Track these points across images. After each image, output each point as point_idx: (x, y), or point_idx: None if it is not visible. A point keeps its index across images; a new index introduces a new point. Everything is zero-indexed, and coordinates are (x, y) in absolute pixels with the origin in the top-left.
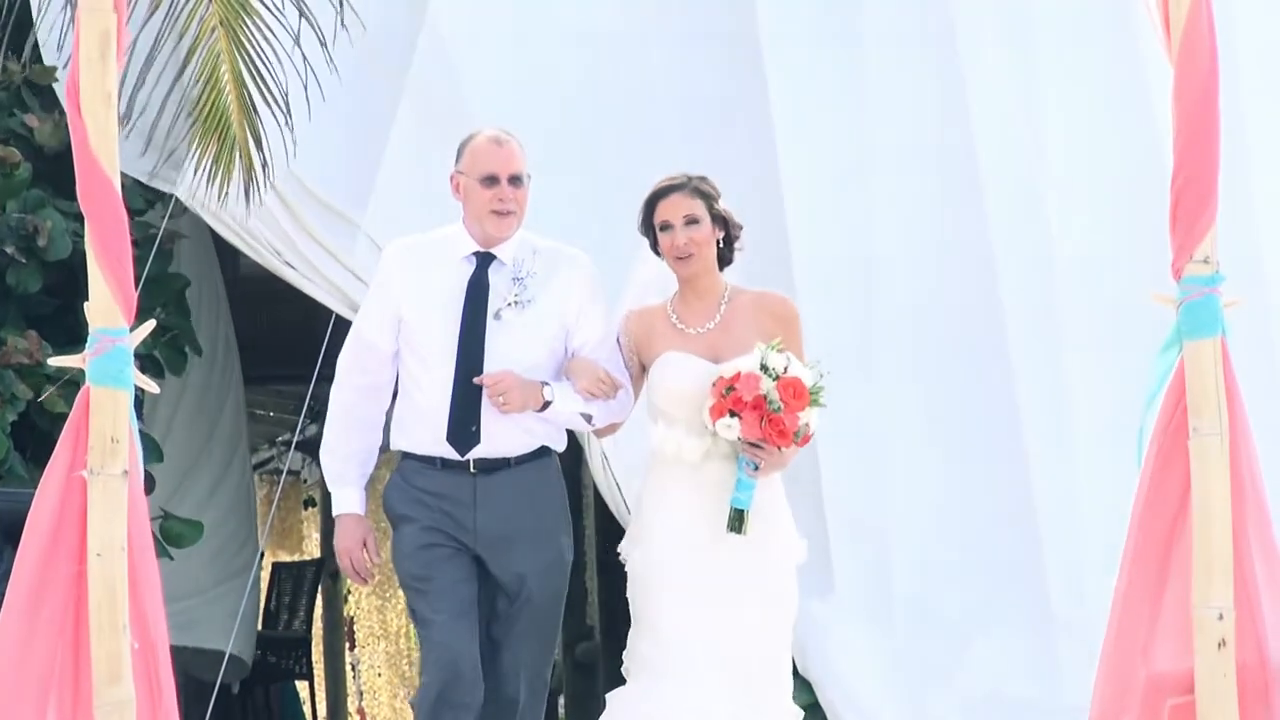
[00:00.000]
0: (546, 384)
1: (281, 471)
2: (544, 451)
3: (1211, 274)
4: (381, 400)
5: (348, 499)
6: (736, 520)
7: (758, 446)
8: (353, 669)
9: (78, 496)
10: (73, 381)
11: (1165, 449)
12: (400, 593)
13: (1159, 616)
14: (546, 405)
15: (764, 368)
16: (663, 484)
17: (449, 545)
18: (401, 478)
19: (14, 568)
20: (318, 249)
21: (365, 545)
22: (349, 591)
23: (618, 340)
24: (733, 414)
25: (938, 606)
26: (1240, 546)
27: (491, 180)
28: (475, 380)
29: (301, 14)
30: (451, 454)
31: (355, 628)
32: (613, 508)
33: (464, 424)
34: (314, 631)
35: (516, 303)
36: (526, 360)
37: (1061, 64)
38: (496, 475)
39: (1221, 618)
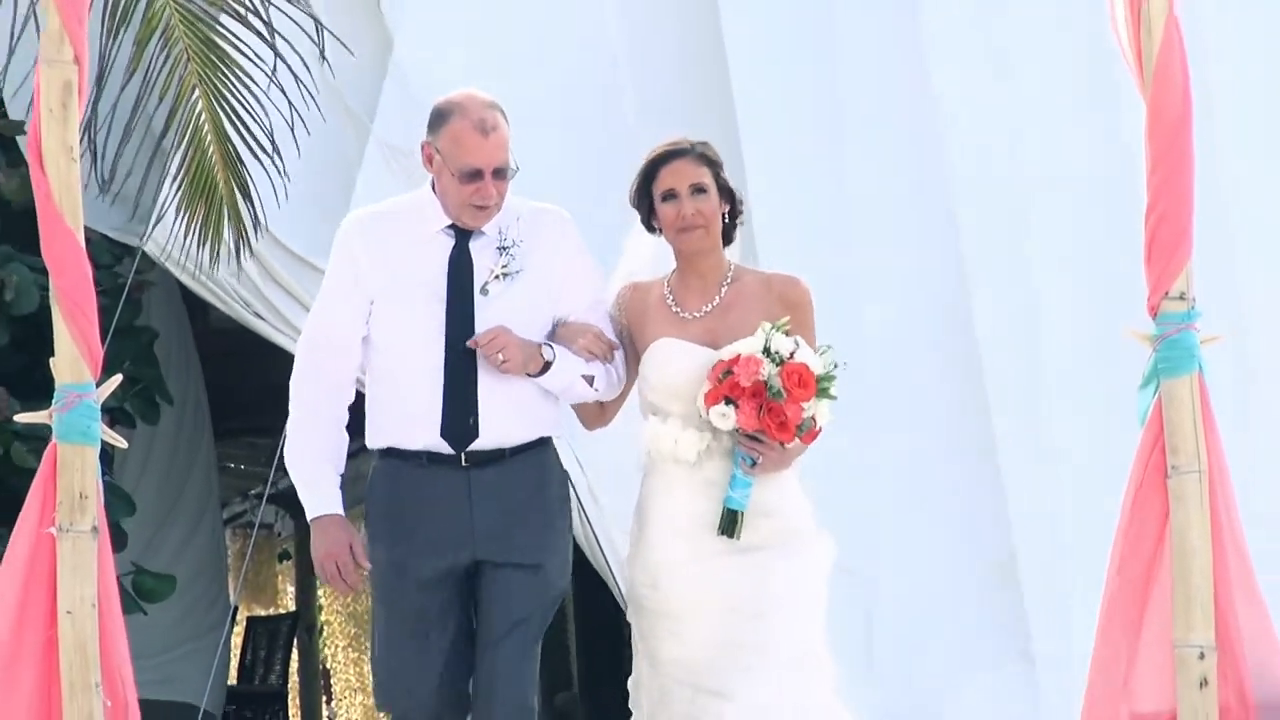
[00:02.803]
0: (546, 344)
1: (254, 525)
2: (542, 441)
3: (1188, 310)
4: (346, 396)
5: (325, 499)
6: (729, 523)
7: (756, 440)
8: None
9: (47, 554)
10: (40, 437)
11: (1144, 487)
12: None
13: (1140, 655)
14: (547, 366)
15: (767, 351)
16: (658, 489)
17: (437, 580)
18: (384, 478)
19: None
20: (287, 299)
21: (352, 549)
22: (326, 644)
23: (609, 314)
24: (729, 401)
25: (920, 653)
26: (1220, 584)
27: (474, 175)
28: (468, 343)
29: (278, 55)
30: (442, 448)
31: (332, 680)
32: (593, 563)
33: (460, 417)
34: (290, 685)
35: (505, 274)
36: (521, 334)
37: (1038, 74)
38: (490, 469)
39: (1203, 656)
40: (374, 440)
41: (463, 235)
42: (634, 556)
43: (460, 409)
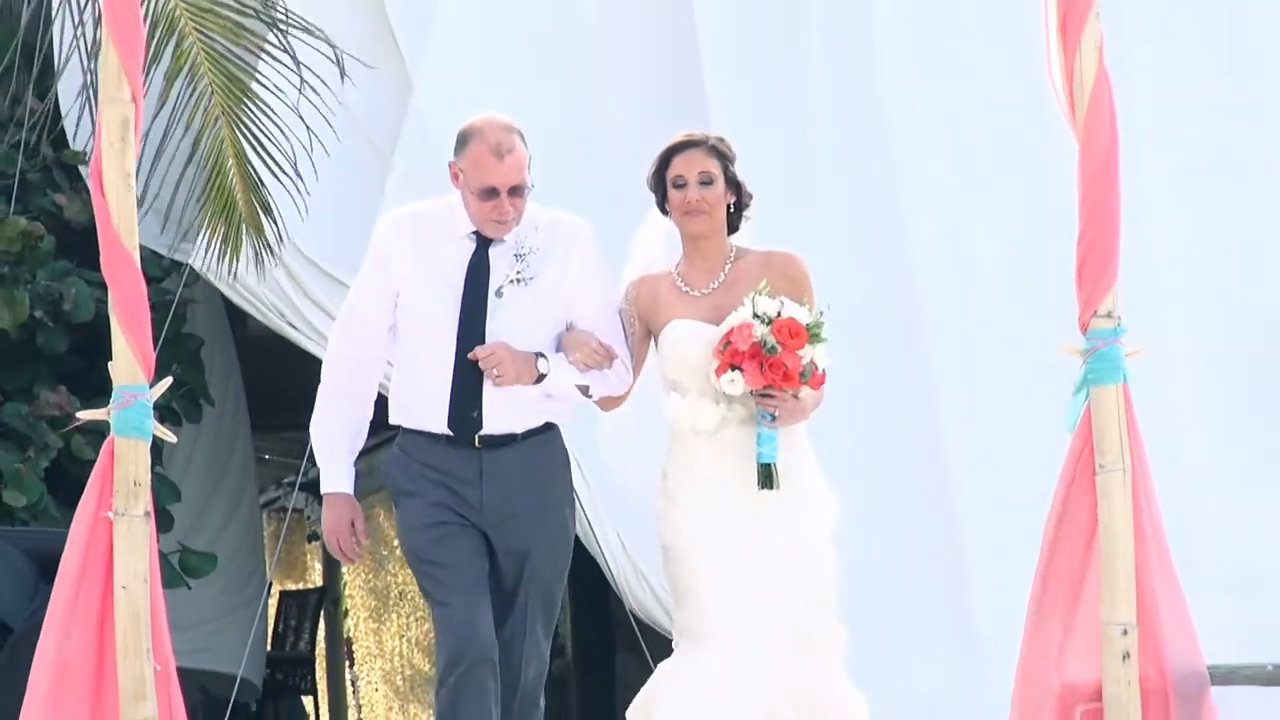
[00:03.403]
0: (542, 356)
1: (287, 509)
2: (549, 426)
3: (1114, 327)
4: (374, 375)
5: (336, 477)
6: (765, 476)
7: (768, 396)
8: (352, 685)
9: (104, 535)
10: (98, 432)
11: (1074, 483)
12: (394, 615)
13: (1071, 632)
14: (542, 378)
15: (756, 315)
16: (684, 458)
17: (455, 522)
18: (403, 451)
19: (50, 599)
20: (316, 311)
21: (354, 526)
22: (349, 616)
23: (620, 310)
24: (734, 368)
25: (870, 630)
26: (1142, 569)
27: (491, 193)
28: (469, 356)
29: (301, 81)
30: (457, 434)
31: (354, 648)
32: (585, 543)
33: (465, 409)
34: (317, 651)
35: (519, 280)
36: (530, 337)
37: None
38: (503, 451)
39: (1126, 633)
40: (395, 418)
41: (484, 241)
42: (665, 519)
43: (465, 403)
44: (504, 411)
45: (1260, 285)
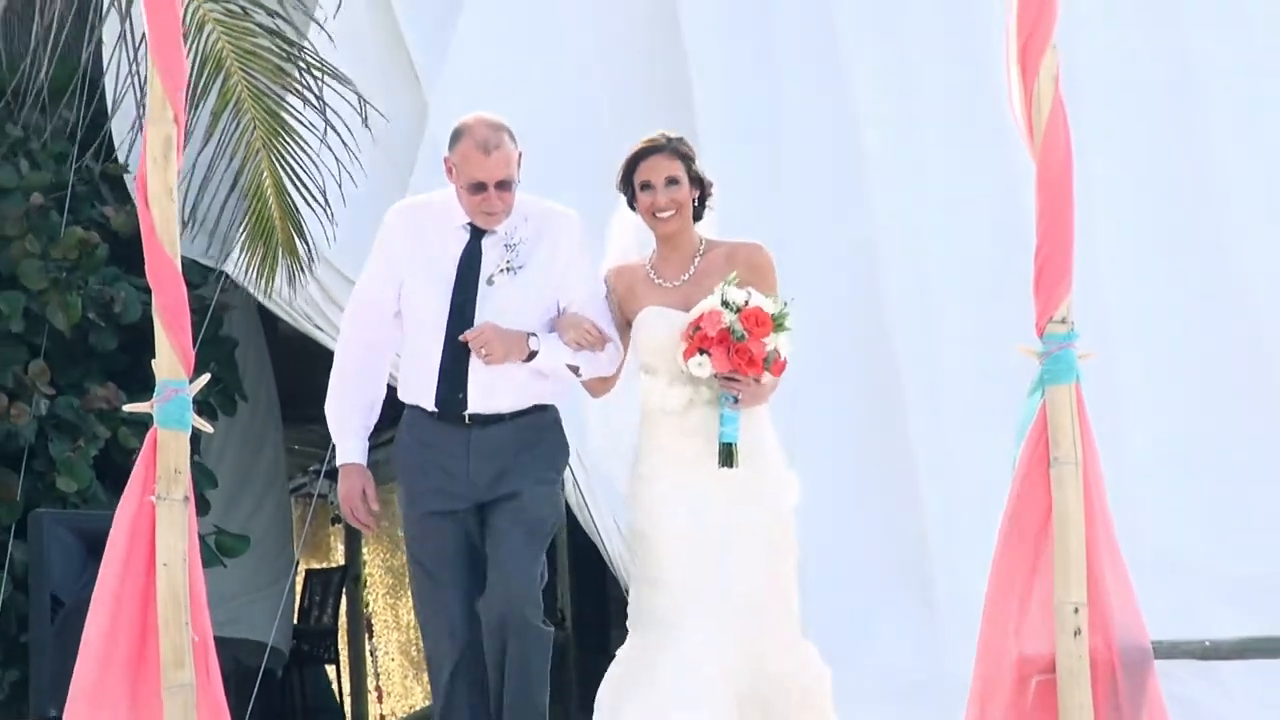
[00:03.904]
0: (533, 335)
1: (313, 495)
2: (540, 408)
3: (1068, 332)
4: (383, 356)
5: (349, 449)
6: (726, 455)
7: (733, 379)
8: (371, 655)
9: (147, 518)
10: (143, 423)
11: (1031, 473)
12: (409, 592)
13: (1027, 609)
14: (533, 355)
15: (725, 303)
16: (652, 436)
17: (440, 510)
18: (405, 426)
19: (99, 575)
20: (340, 314)
21: (365, 494)
22: (368, 592)
23: (605, 296)
24: (702, 351)
25: (837, 601)
26: (1092, 553)
27: (479, 187)
28: (460, 338)
29: (329, 126)
30: (444, 413)
31: (373, 621)
32: (580, 520)
33: (452, 390)
34: (339, 625)
35: (509, 268)
36: (520, 322)
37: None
38: (491, 428)
39: (1077, 611)
40: (401, 395)
41: (477, 232)
42: (632, 495)
43: (451, 385)
44: (490, 392)
45: (1196, 300)
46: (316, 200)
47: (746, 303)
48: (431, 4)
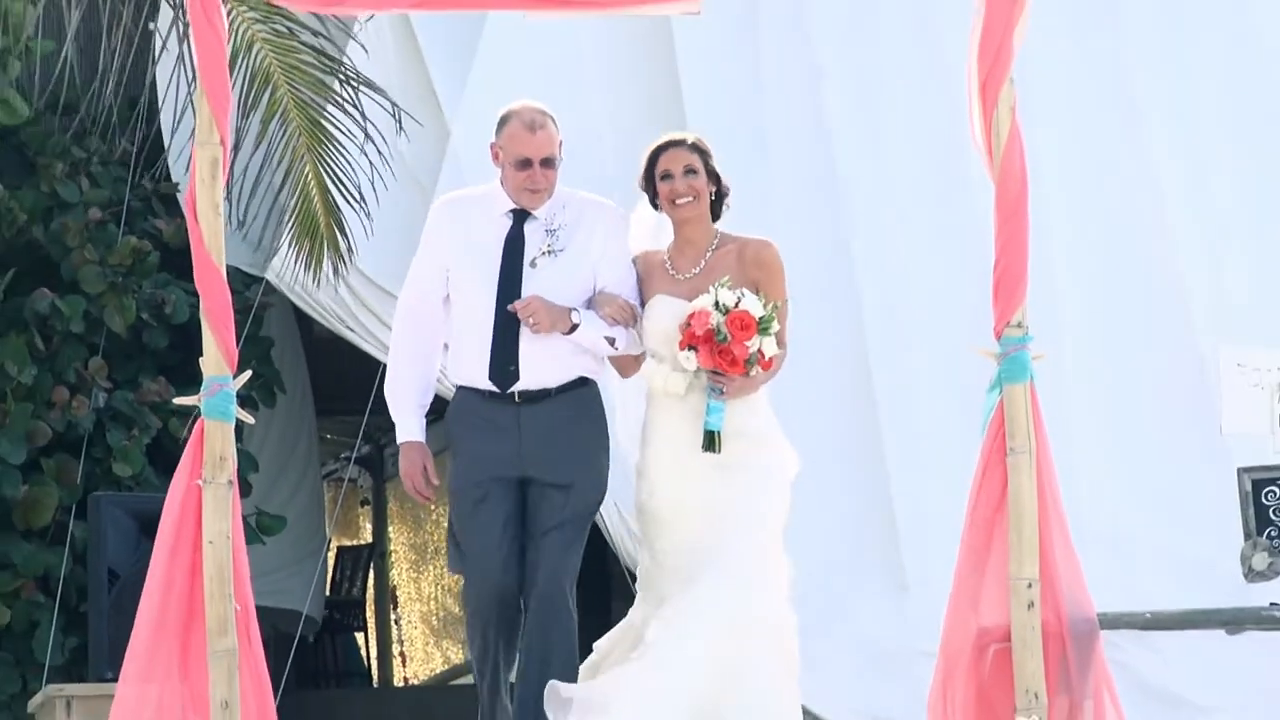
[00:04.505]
0: (575, 309)
1: (344, 479)
2: (583, 382)
3: (1023, 335)
4: (434, 341)
5: (409, 427)
6: (709, 441)
7: (718, 374)
8: (396, 624)
9: (195, 500)
10: (191, 415)
11: (990, 463)
12: (430, 567)
13: (986, 584)
14: (574, 327)
15: (716, 304)
16: (656, 416)
17: (491, 484)
18: (457, 405)
19: (151, 552)
20: (371, 317)
21: (425, 469)
22: (393, 567)
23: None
24: (691, 347)
25: (815, 582)
26: (1044, 534)
27: (525, 164)
28: (509, 308)
29: (366, 135)
30: (495, 387)
31: (397, 593)
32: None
33: (503, 363)
34: (367, 596)
35: (549, 251)
36: (560, 301)
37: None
38: (538, 405)
39: (1030, 586)
40: (451, 377)
41: (519, 218)
42: (639, 472)
43: (503, 358)
44: (538, 366)
45: (1137, 305)
46: (354, 199)
47: (737, 304)
48: (452, 37)
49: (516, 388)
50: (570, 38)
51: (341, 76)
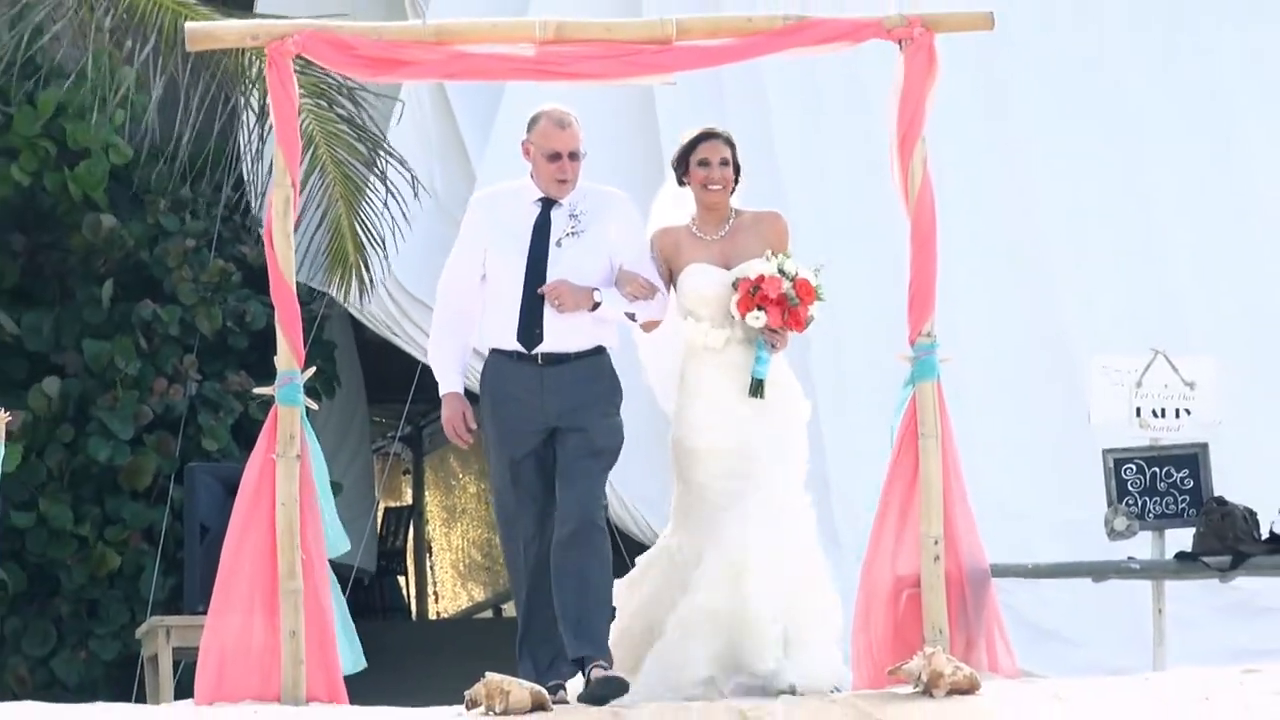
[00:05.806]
0: (597, 289)
1: (389, 454)
2: (599, 350)
3: (932, 343)
4: (469, 312)
5: (450, 381)
6: (757, 387)
7: (776, 332)
8: (430, 570)
9: (270, 469)
10: (266, 401)
11: (905, 443)
12: (459, 524)
13: (901, 541)
14: (597, 306)
15: (782, 272)
16: (696, 367)
17: (523, 438)
18: (488, 366)
19: (234, 510)
20: (411, 325)
21: (464, 416)
22: (429, 524)
23: (652, 255)
24: (760, 308)
25: None
26: (948, 501)
27: (555, 156)
28: (538, 291)
29: (389, 192)
30: (522, 349)
31: (432, 545)
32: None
33: (530, 328)
34: (408, 547)
35: (573, 233)
36: (583, 278)
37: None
38: (559, 366)
39: (936, 542)
40: (483, 342)
41: (547, 206)
42: (677, 415)
43: (530, 323)
44: (560, 333)
45: (1023, 314)
46: (377, 242)
47: (797, 273)
48: (479, 97)
49: (540, 349)
50: (579, 100)
51: (369, 143)
